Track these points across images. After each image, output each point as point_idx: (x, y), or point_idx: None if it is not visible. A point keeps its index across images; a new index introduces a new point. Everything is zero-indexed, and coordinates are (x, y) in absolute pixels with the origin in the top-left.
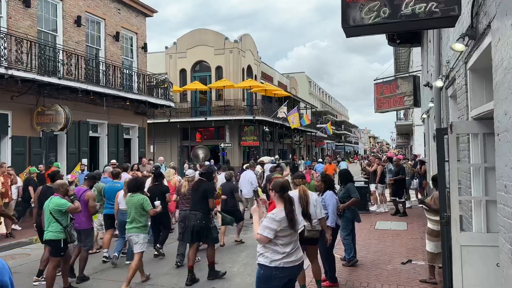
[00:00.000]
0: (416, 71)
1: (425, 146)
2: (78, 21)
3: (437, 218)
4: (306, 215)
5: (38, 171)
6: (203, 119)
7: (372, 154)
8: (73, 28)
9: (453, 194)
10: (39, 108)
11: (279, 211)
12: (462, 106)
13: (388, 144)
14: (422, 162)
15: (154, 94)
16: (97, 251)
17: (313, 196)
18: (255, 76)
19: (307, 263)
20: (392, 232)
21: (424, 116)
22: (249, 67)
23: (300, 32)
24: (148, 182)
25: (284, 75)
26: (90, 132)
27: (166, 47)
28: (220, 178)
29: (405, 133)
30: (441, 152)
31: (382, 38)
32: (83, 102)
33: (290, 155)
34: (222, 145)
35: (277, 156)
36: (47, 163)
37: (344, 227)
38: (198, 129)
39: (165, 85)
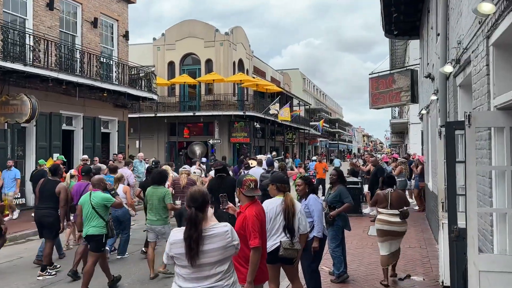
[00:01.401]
0: (414, 65)
1: (422, 145)
2: (50, 4)
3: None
4: (291, 231)
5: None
6: (191, 114)
7: (367, 153)
8: (45, 12)
9: (471, 205)
10: (3, 98)
11: (178, 231)
12: (480, 94)
13: (381, 143)
14: (419, 162)
15: (137, 86)
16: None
17: (298, 206)
18: (247, 70)
19: (285, 285)
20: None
21: (423, 112)
22: (240, 61)
23: (295, 29)
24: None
25: (278, 71)
26: (64, 125)
27: (154, 39)
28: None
29: (399, 131)
30: (451, 150)
31: (376, 35)
32: (55, 93)
33: (283, 153)
34: (211, 141)
35: (274, 153)
36: (14, 157)
37: (334, 237)
38: (186, 125)
39: (148, 77)
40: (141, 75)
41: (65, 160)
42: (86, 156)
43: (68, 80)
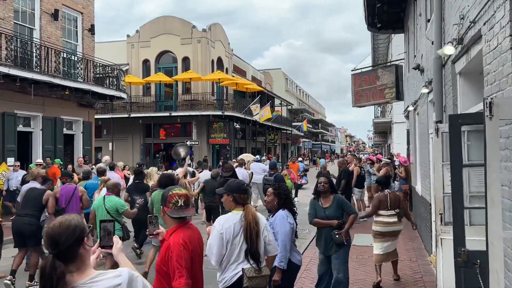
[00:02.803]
0: (398, 60)
1: (408, 145)
2: None
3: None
4: (255, 256)
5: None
6: (167, 114)
7: (350, 153)
8: None
9: (495, 227)
10: None
11: None
12: (499, 76)
13: (364, 143)
14: (404, 163)
15: (105, 84)
16: None
17: (262, 221)
18: (226, 69)
19: None
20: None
21: (410, 108)
22: (219, 59)
23: (276, 31)
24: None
25: (260, 71)
26: (20, 126)
27: (128, 36)
28: (202, 176)
29: (382, 131)
30: (457, 151)
31: (356, 36)
32: (9, 90)
33: (265, 154)
34: (188, 142)
35: (264, 158)
36: None
37: (345, 260)
38: (163, 126)
39: (116, 74)
40: (108, 72)
41: (62, 163)
42: (40, 160)
43: (22, 76)
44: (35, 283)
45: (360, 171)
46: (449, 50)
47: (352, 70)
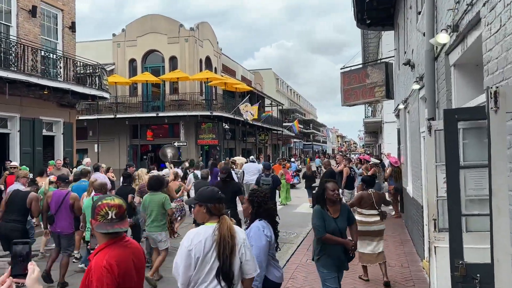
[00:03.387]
0: (388, 57)
1: (399, 145)
2: None
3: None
4: (227, 276)
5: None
6: (154, 115)
7: (340, 153)
8: None
9: (500, 240)
10: None
11: None
12: (503, 63)
13: (355, 143)
14: (395, 164)
15: (88, 84)
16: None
17: (240, 236)
18: (215, 69)
19: None
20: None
21: (401, 106)
22: (208, 59)
23: (267, 32)
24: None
25: (251, 71)
26: None
27: (114, 34)
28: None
29: (373, 131)
30: (453, 151)
31: (346, 37)
32: None
33: (255, 155)
34: (176, 143)
35: (252, 157)
36: None
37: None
38: (151, 126)
39: (97, 72)
40: (88, 71)
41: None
42: (15, 163)
43: None
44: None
45: (350, 172)
46: (443, 38)
47: (341, 69)
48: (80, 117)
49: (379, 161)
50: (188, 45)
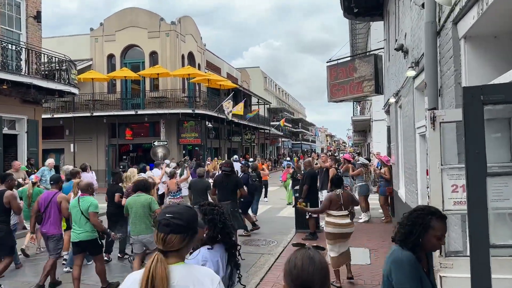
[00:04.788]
0: (378, 49)
1: (389, 144)
2: None
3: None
4: None
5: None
6: (132, 112)
7: (324, 153)
8: None
9: None
10: None
11: None
12: None
13: (344, 142)
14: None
15: (56, 78)
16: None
17: (174, 276)
18: (199, 65)
19: None
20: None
21: (392, 100)
22: (190, 55)
23: (257, 31)
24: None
25: (238, 69)
26: None
27: (92, 29)
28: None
29: (361, 130)
30: (478, 147)
31: (335, 37)
32: None
33: (241, 155)
34: (156, 143)
35: (235, 156)
36: None
37: None
38: (131, 125)
39: (64, 66)
40: (53, 64)
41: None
42: None
43: None
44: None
45: (337, 173)
46: None
47: (327, 62)
48: (56, 115)
49: (367, 161)
50: (169, 39)
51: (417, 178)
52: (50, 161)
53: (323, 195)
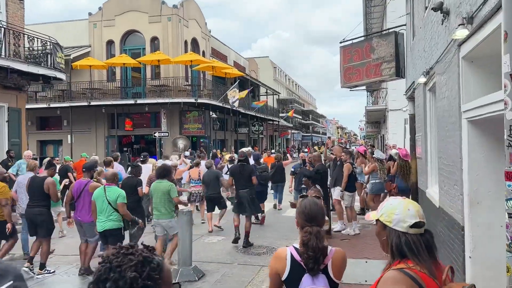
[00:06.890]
0: (399, 26)
1: (413, 135)
2: None
3: None
4: None
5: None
6: (132, 102)
7: (339, 145)
8: None
9: None
10: None
11: None
12: None
13: (356, 135)
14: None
15: (43, 63)
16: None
17: None
18: (203, 52)
19: None
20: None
21: (421, 80)
22: (194, 41)
23: (266, 23)
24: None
25: (247, 59)
26: None
27: (90, 14)
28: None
29: (375, 121)
30: None
31: (344, 28)
32: None
33: (250, 146)
34: (156, 134)
35: (249, 149)
36: None
37: None
38: (131, 115)
39: (48, 49)
40: (37, 46)
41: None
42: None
43: None
44: (46, 272)
45: (352, 169)
46: None
47: (340, 42)
48: (52, 105)
49: (385, 156)
50: (171, 24)
51: (463, 178)
52: (28, 152)
53: (335, 191)
